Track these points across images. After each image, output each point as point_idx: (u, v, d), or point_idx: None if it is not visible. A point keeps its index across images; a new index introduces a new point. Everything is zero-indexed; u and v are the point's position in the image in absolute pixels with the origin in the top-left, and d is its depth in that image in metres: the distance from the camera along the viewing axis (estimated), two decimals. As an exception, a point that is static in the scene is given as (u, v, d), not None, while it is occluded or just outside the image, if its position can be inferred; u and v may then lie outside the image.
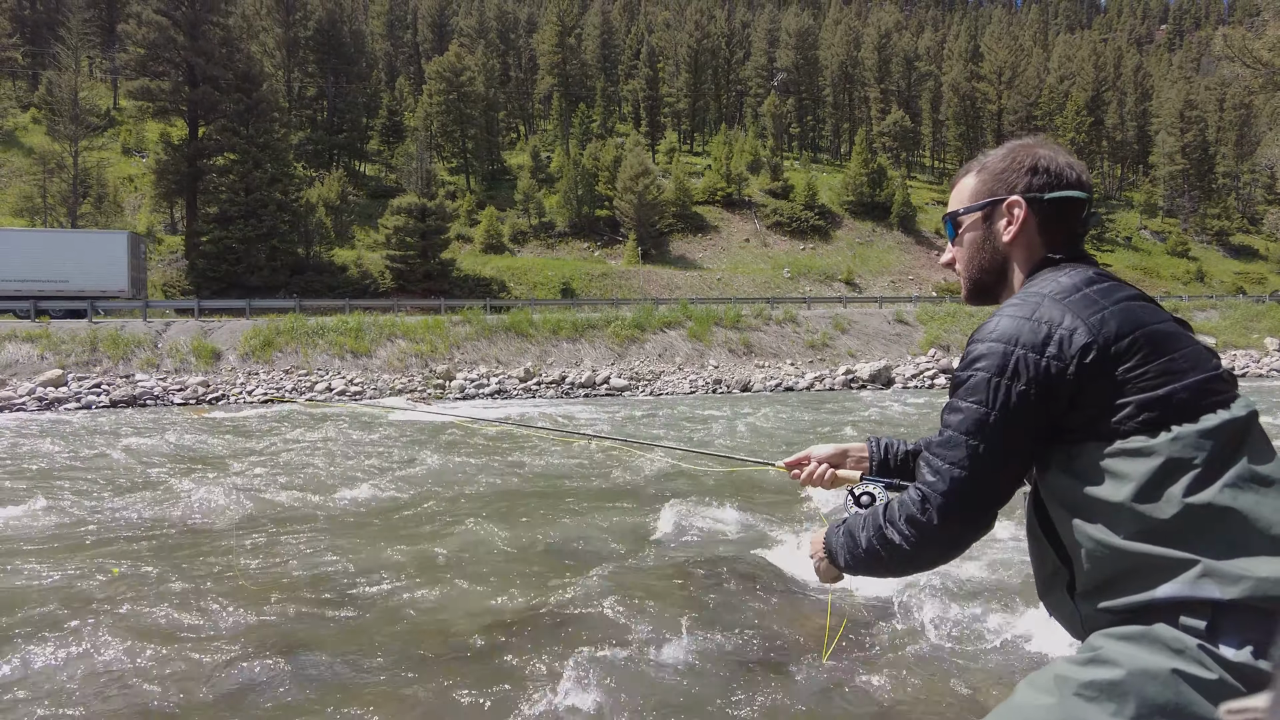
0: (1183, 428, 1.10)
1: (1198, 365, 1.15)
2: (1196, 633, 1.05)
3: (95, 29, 59.51)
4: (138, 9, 41.37)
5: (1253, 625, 1.03)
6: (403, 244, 41.17)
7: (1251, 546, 1.05)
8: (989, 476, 1.21)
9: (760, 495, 8.12)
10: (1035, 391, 1.17)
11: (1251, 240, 64.57)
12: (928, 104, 77.07)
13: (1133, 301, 1.20)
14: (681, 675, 3.86)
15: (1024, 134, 1.62)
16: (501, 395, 21.90)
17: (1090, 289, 1.21)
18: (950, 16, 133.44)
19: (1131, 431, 1.13)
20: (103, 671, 3.92)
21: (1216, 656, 1.03)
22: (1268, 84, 19.99)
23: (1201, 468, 1.08)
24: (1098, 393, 1.15)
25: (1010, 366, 1.18)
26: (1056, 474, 1.20)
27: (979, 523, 1.25)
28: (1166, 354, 1.15)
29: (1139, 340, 1.15)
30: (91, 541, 6.38)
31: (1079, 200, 1.34)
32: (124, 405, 19.00)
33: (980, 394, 1.20)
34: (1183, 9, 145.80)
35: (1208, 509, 1.07)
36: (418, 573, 5.48)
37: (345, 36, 60.86)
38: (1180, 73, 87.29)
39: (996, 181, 1.38)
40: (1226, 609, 1.04)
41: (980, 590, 4.96)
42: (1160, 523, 1.09)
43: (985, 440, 1.20)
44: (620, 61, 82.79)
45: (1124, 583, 1.12)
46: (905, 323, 30.83)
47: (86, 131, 37.87)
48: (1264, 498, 1.07)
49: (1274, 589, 1.03)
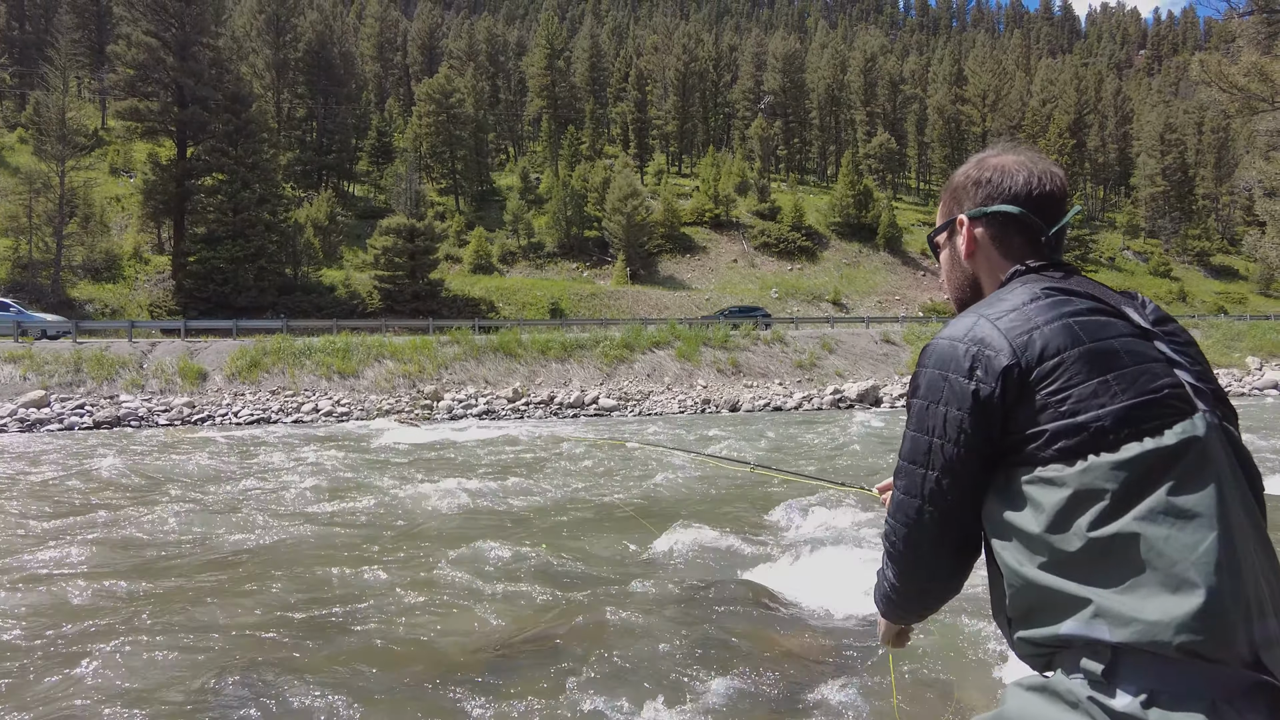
0: (1098, 458, 1.04)
1: (1132, 388, 1.07)
2: (1093, 679, 1.01)
3: (84, 49, 59.57)
4: (127, 30, 41.44)
5: (1147, 671, 0.98)
6: (391, 264, 41.15)
7: (1147, 586, 0.99)
8: (938, 498, 1.18)
9: (757, 515, 8.12)
10: (968, 416, 1.13)
11: (1232, 260, 65.48)
12: (913, 126, 78.10)
13: (1077, 317, 1.13)
14: (676, 702, 3.84)
15: (1000, 141, 1.57)
16: (490, 416, 21.84)
17: (1032, 305, 1.15)
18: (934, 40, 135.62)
19: (1049, 459, 1.08)
20: (76, 697, 3.87)
21: (1105, 708, 0.99)
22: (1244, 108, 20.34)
23: (1110, 500, 1.03)
24: (1023, 417, 1.10)
25: (943, 392, 1.15)
26: (991, 497, 1.16)
27: (942, 544, 1.21)
28: (1096, 376, 1.08)
29: (1066, 361, 1.09)
30: (68, 564, 6.31)
31: (1036, 208, 1.28)
32: (108, 426, 18.82)
33: (921, 421, 1.18)
34: (1160, 35, 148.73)
35: (1110, 544, 1.02)
36: (404, 597, 5.45)
37: (335, 58, 61.12)
38: (1159, 97, 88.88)
39: (952, 199, 1.37)
40: (1123, 651, 1.00)
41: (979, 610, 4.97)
42: (1067, 555, 1.04)
43: (931, 467, 1.17)
44: (609, 84, 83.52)
45: (1038, 615, 1.08)
46: (892, 343, 31.01)
47: (74, 151, 37.68)
48: (1176, 532, 1.00)
49: (1160, 633, 0.97)
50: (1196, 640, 0.96)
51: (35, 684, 4.02)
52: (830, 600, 5.30)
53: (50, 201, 35.91)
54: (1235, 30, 22.55)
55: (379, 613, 5.10)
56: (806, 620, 5.05)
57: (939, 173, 76.99)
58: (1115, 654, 1.01)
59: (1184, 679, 0.97)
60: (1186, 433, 1.05)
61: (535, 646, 4.55)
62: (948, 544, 1.21)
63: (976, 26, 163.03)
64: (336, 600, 5.36)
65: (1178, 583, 0.99)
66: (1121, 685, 0.99)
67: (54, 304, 33.61)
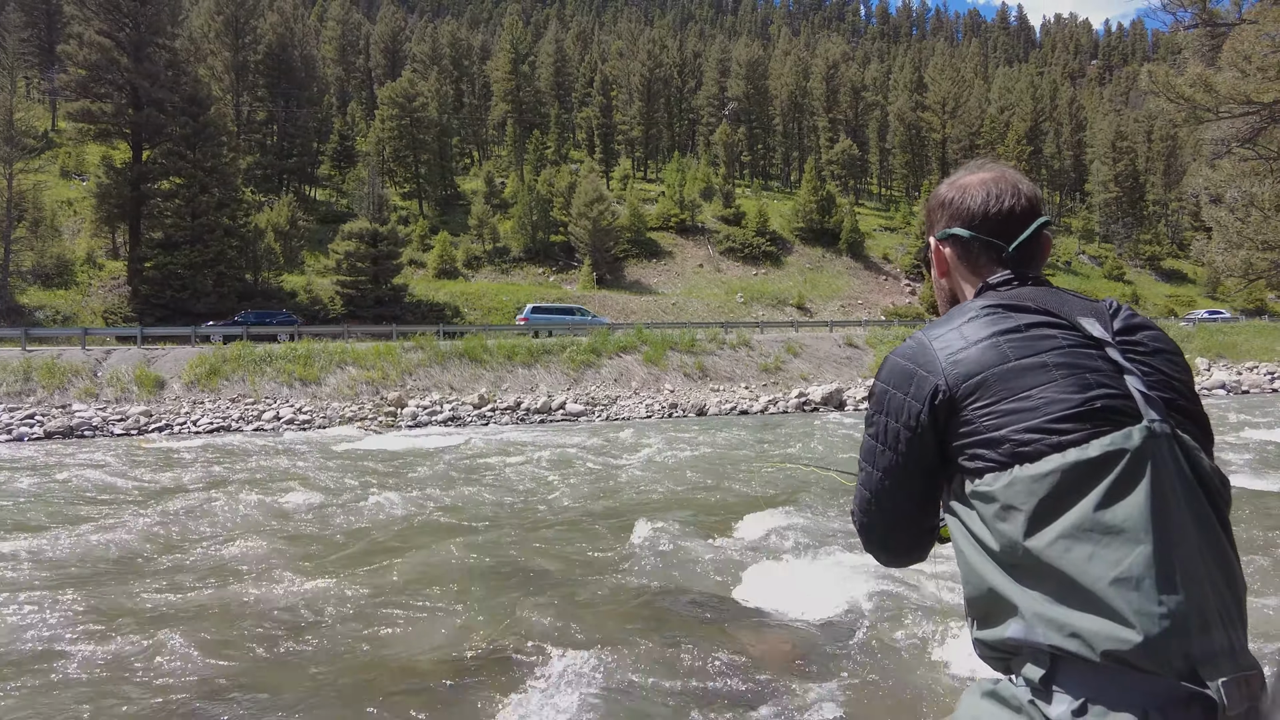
0: (1021, 469, 1.07)
1: (1056, 402, 1.09)
2: (1033, 686, 1.05)
3: (33, 48, 57.97)
4: (79, 29, 40.40)
5: (1083, 679, 1.01)
6: (354, 269, 40.64)
7: (1076, 598, 1.02)
8: (884, 495, 1.28)
9: (723, 519, 8.18)
10: (905, 428, 1.21)
11: (1181, 265, 67.48)
12: (874, 133, 79.25)
13: (1010, 334, 1.16)
14: (646, 706, 3.87)
15: (976, 156, 1.56)
16: (455, 422, 21.67)
17: (969, 324, 1.20)
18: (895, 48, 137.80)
19: (981, 471, 1.12)
20: (44, 713, 3.78)
21: (1043, 714, 1.02)
22: (1190, 118, 20.99)
23: (1035, 512, 1.05)
24: (956, 433, 1.16)
25: (886, 404, 1.25)
26: (950, 501, 1.21)
27: (892, 530, 1.32)
28: (1017, 393, 1.11)
29: (988, 380, 1.13)
30: (12, 583, 6.14)
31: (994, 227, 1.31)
32: (60, 436, 18.31)
33: (869, 426, 1.29)
34: (1111, 45, 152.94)
35: (1040, 555, 1.04)
36: (367, 606, 5.40)
37: (296, 61, 60.25)
38: (1111, 105, 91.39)
39: (929, 219, 1.43)
40: (1060, 659, 1.02)
41: (947, 609, 5.07)
42: (1010, 562, 1.08)
43: (876, 466, 1.28)
44: (574, 89, 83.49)
45: (991, 617, 1.12)
46: (855, 346, 31.41)
47: (22, 153, 36.57)
48: (1099, 549, 1.02)
49: (1091, 641, 1.00)
50: (1123, 653, 0.98)
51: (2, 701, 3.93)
52: (793, 603, 5.37)
53: (-2, 205, 34.86)
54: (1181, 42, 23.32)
55: (342, 623, 5.06)
56: (772, 623, 5.11)
57: (900, 179, 78.29)
58: (1053, 661, 1.03)
59: (1117, 688, 0.99)
60: (1115, 444, 1.05)
61: (500, 654, 4.55)
62: (898, 530, 1.32)
63: (936, 35, 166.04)
64: (297, 611, 5.30)
65: (1101, 599, 1.00)
66: (1058, 692, 1.02)
67: (1, 311, 32.62)
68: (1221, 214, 22.91)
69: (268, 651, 4.60)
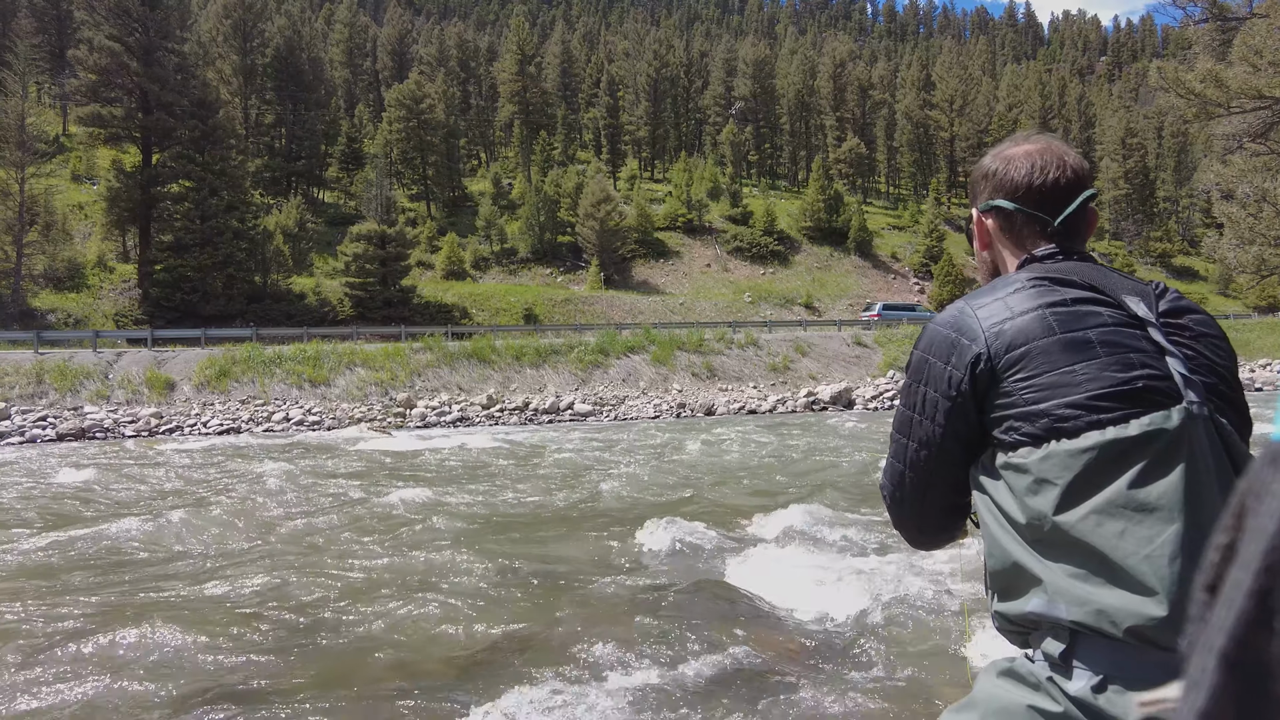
0: (1059, 444, 1.07)
1: (1099, 378, 1.09)
2: (1052, 662, 1.05)
3: (44, 54, 58.32)
4: (89, 35, 40.64)
5: (1102, 655, 1.02)
6: (362, 271, 40.76)
7: (1103, 574, 1.02)
8: (919, 467, 1.25)
9: (732, 517, 8.17)
10: (945, 398, 1.20)
11: (1192, 262, 67.02)
12: (882, 131, 79.00)
13: (1056, 308, 1.16)
14: (654, 702, 3.86)
15: (984, 154, 1.55)
16: (464, 423, 21.71)
17: (1015, 295, 1.19)
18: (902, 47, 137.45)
19: (1017, 444, 1.12)
20: (45, 712, 3.80)
21: (1063, 690, 1.03)
22: (1200, 114, 20.85)
23: (1069, 487, 1.06)
24: (994, 404, 1.15)
25: (925, 373, 1.23)
26: (980, 473, 1.20)
27: (923, 504, 1.29)
28: (1060, 367, 1.10)
29: (1031, 352, 1.12)
30: (38, 578, 6.18)
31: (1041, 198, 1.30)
32: (72, 438, 18.43)
33: (908, 396, 1.27)
34: (1120, 42, 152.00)
35: (1071, 530, 1.04)
36: (378, 605, 5.41)
37: (304, 64, 60.48)
38: (1120, 102, 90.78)
39: (972, 192, 1.42)
40: (1080, 634, 1.03)
41: (960, 606, 5.04)
42: (1036, 536, 1.08)
43: (911, 437, 1.25)
44: (580, 90, 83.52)
45: (1013, 590, 1.12)
46: (864, 345, 31.31)
47: (34, 158, 36.81)
48: (1132, 526, 1.02)
49: (1114, 618, 1.00)
50: (1147, 629, 0.99)
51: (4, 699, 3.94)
52: (805, 601, 5.35)
53: (9, 209, 35.08)
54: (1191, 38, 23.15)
55: (353, 622, 5.06)
56: (783, 621, 5.09)
57: (908, 177, 78.02)
58: (1073, 636, 1.04)
59: (1137, 664, 1.00)
60: (1155, 424, 1.06)
61: (508, 652, 4.54)
62: (929, 505, 1.29)
63: (943, 33, 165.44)
64: (309, 611, 5.31)
65: (1130, 574, 1.00)
66: (1078, 668, 1.02)
67: (14, 314, 32.86)
68: (1233, 210, 22.73)
69: (273, 650, 4.61)
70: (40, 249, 36.88)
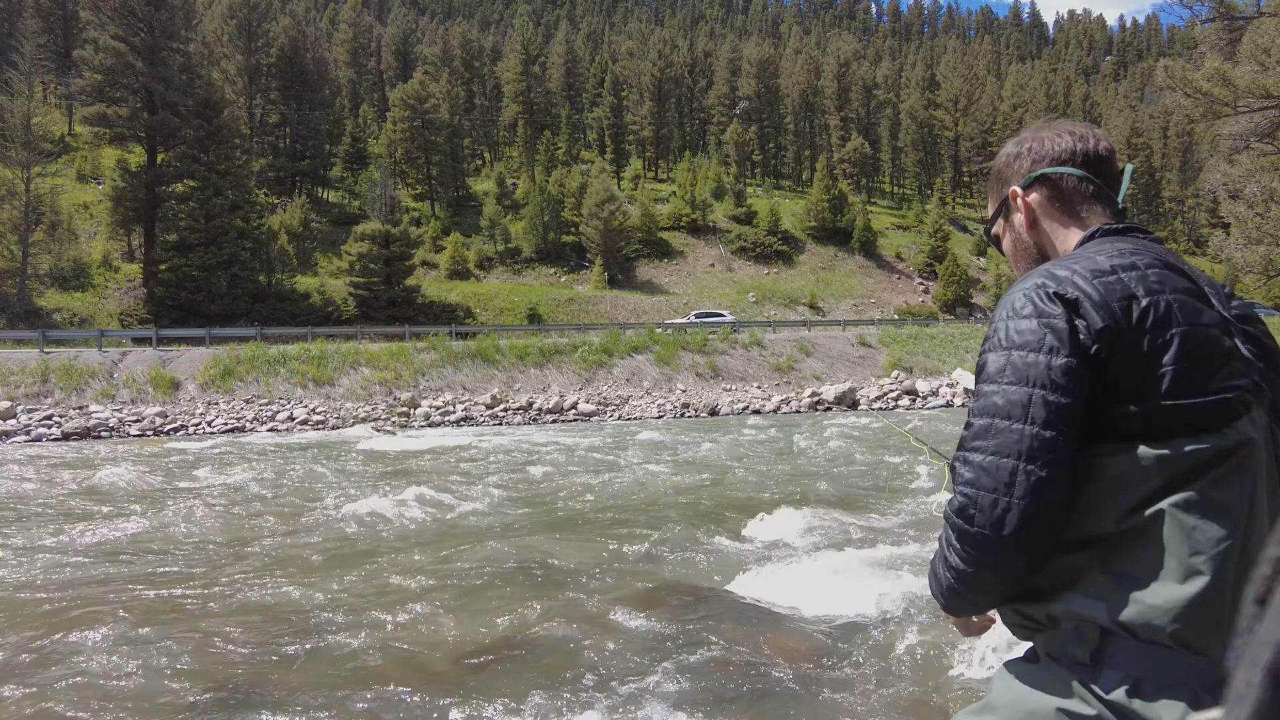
0: (1160, 444, 1.03)
1: (1211, 383, 1.04)
2: (1079, 664, 1.03)
3: (49, 54, 58.49)
4: (94, 35, 40.75)
5: (1133, 657, 1.00)
6: (366, 271, 40.81)
7: (1159, 571, 1.00)
8: (1047, 458, 1.05)
9: (739, 520, 8.14)
10: (1076, 362, 1.06)
11: (1198, 262, 66.76)
12: (886, 131, 78.89)
13: (1177, 295, 1.08)
14: (658, 702, 3.83)
15: (988, 153, 1.45)
16: (468, 422, 21.71)
17: (1131, 273, 1.09)
18: (906, 46, 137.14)
19: (1114, 434, 1.05)
20: (46, 711, 3.79)
21: (1093, 692, 1.00)
22: (1207, 113, 20.75)
23: (1157, 485, 1.02)
24: (1102, 385, 1.06)
25: (1044, 338, 1.07)
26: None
27: (1041, 514, 1.05)
28: (1183, 362, 1.04)
29: (1159, 341, 1.05)
30: (40, 577, 6.18)
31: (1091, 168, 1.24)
32: (77, 437, 18.46)
33: (1017, 371, 1.07)
34: (1126, 41, 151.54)
35: (1141, 526, 1.02)
36: (382, 606, 5.39)
37: (308, 63, 60.56)
38: (1126, 102, 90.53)
39: (998, 182, 1.35)
40: (1112, 636, 1.01)
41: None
42: (1096, 530, 1.05)
43: (1032, 421, 1.05)
44: (585, 89, 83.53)
45: (1036, 586, 1.09)
46: (868, 345, 31.25)
47: (39, 158, 36.90)
48: (1204, 523, 1.00)
49: (1157, 618, 0.98)
50: (1188, 629, 0.98)
51: (7, 699, 3.93)
52: (809, 602, 5.33)
53: (15, 209, 35.18)
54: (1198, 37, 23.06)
55: (353, 620, 5.05)
56: (787, 622, 5.06)
57: (912, 177, 77.91)
58: (1103, 638, 1.02)
59: (1169, 667, 0.98)
60: (1243, 434, 1.04)
61: (516, 653, 4.52)
62: (1049, 511, 1.06)
63: (948, 32, 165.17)
64: (313, 611, 5.30)
65: (1190, 571, 0.99)
66: (1108, 670, 1.01)
67: (20, 313, 32.95)
68: (1240, 209, 22.63)
69: (276, 649, 4.60)
70: (46, 248, 36.97)
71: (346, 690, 4.04)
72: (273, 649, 4.62)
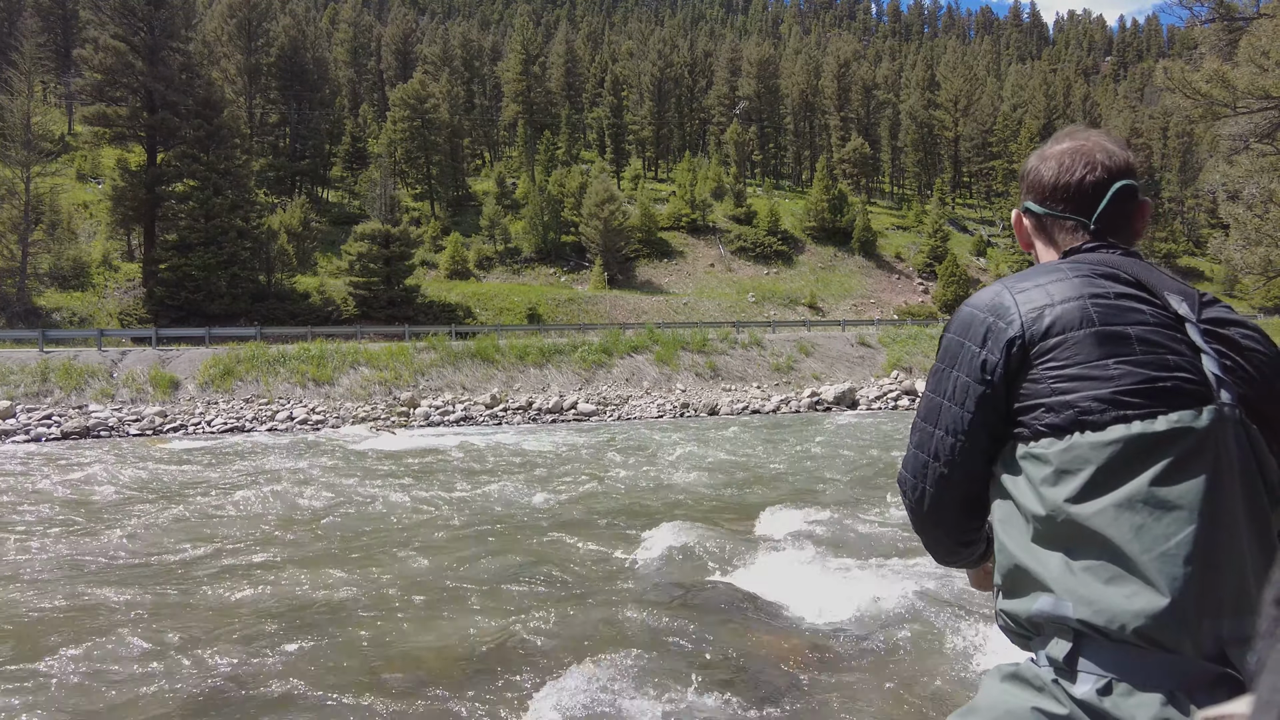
0: (1083, 436, 1.06)
1: (1132, 374, 1.07)
2: (1056, 664, 1.04)
3: (49, 53, 58.49)
4: (94, 34, 40.74)
5: (1107, 657, 1.00)
6: (366, 270, 40.81)
7: (1113, 570, 1.01)
8: (945, 456, 1.21)
9: (740, 520, 8.15)
10: (978, 382, 1.16)
11: (1197, 263, 66.81)
12: (886, 131, 78.89)
13: (1098, 299, 1.13)
14: (659, 703, 3.84)
15: (988, 154, 1.46)
16: (467, 422, 21.72)
17: (1057, 284, 1.16)
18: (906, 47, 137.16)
19: (1040, 434, 1.10)
20: (47, 710, 3.79)
21: (1067, 693, 1.01)
22: (1206, 114, 20.78)
23: (1090, 480, 1.04)
24: (1022, 390, 1.13)
25: (958, 357, 1.20)
26: (997, 467, 1.18)
27: (946, 498, 1.23)
28: (1094, 359, 1.08)
29: (1069, 341, 1.10)
30: (41, 576, 6.18)
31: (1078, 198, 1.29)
32: (77, 437, 18.47)
33: (934, 381, 1.23)
34: (1126, 41, 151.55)
35: (1086, 524, 1.03)
36: (384, 605, 5.40)
37: (308, 63, 60.54)
38: (1125, 102, 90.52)
39: (1020, 195, 1.42)
40: (1085, 636, 1.02)
41: (967, 610, 5.02)
42: (1047, 531, 1.07)
43: (939, 425, 1.21)
44: (584, 90, 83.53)
45: (1019, 588, 1.11)
46: (868, 345, 31.26)
47: (39, 157, 36.89)
48: (1150, 522, 1.00)
49: (1120, 618, 0.99)
50: (1153, 629, 0.97)
51: (11, 698, 3.94)
52: (811, 602, 5.34)
53: (14, 208, 35.19)
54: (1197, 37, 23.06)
55: (351, 620, 5.06)
56: (789, 622, 5.08)
57: (912, 177, 77.92)
58: (1078, 638, 1.02)
59: (1143, 667, 0.98)
60: (1183, 422, 1.04)
61: (512, 651, 4.53)
62: (951, 499, 1.24)
63: (948, 33, 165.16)
64: (315, 610, 5.31)
65: (1142, 572, 0.99)
66: (1083, 671, 1.01)
67: (19, 313, 32.95)
68: (1239, 210, 22.64)
69: (274, 649, 4.61)
70: (45, 248, 36.98)
71: (346, 690, 4.05)
72: (273, 648, 4.63)
